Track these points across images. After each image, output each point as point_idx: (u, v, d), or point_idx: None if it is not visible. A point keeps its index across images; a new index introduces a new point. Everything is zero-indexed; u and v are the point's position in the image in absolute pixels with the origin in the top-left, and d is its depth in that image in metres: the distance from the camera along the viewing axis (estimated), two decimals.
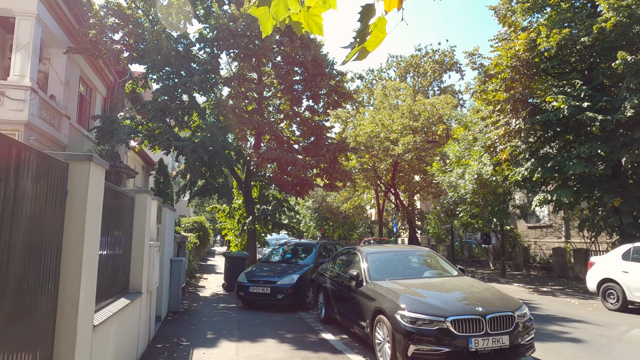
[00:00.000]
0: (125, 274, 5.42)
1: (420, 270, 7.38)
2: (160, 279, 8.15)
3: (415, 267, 7.48)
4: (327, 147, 16.67)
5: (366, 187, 28.69)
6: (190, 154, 12.54)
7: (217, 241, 60.77)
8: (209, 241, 26.33)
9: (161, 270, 8.19)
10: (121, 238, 5.12)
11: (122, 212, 5.11)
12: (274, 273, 10.61)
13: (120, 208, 5.00)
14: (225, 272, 13.75)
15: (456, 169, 16.86)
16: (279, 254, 12.41)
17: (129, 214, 5.55)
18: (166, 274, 8.71)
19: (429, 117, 22.18)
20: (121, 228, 5.11)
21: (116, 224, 4.86)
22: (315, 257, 11.36)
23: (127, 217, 5.41)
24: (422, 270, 7.37)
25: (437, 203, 29.64)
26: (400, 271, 7.20)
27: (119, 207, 4.94)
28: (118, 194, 4.92)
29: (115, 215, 4.81)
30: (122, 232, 5.14)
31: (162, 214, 8.01)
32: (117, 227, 4.93)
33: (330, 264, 9.13)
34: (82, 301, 3.21)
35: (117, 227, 4.93)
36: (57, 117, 14.03)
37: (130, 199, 5.57)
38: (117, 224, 4.93)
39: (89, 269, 3.35)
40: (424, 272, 7.32)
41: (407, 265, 7.48)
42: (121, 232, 5.13)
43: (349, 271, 7.65)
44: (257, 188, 16.73)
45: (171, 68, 13.80)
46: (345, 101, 17.77)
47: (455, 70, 44.16)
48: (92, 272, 3.50)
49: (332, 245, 12.97)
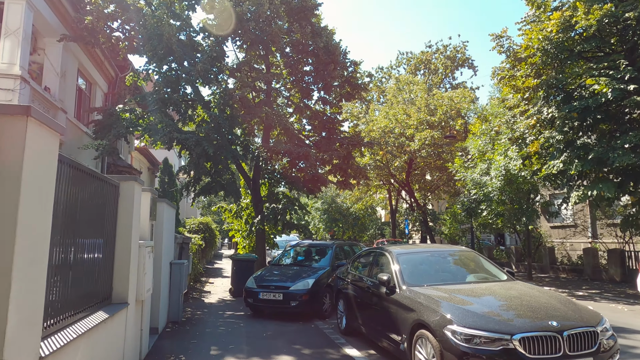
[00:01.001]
0: (106, 281, 4.35)
1: (463, 274, 6.22)
2: (157, 285, 7.08)
3: (456, 270, 6.32)
4: (340, 141, 15.56)
5: (379, 186, 27.51)
6: (193, 148, 11.50)
7: (224, 244, 59.75)
8: (215, 243, 25.31)
9: (158, 274, 7.12)
10: (99, 237, 4.05)
11: (100, 204, 4.05)
12: (286, 277, 9.50)
13: (97, 198, 3.93)
14: (232, 276, 12.67)
15: (480, 164, 15.64)
16: (290, 256, 11.31)
17: (112, 207, 4.48)
18: (165, 278, 7.64)
19: (446, 111, 20.97)
20: (99, 224, 4.05)
21: (90, 218, 3.79)
22: (331, 259, 10.24)
23: (108, 211, 4.34)
24: (465, 274, 6.22)
25: (453, 202, 28.38)
26: (439, 275, 6.06)
27: (95, 196, 3.87)
28: (92, 178, 3.85)
29: (89, 207, 3.75)
30: (100, 229, 4.08)
31: (158, 210, 6.95)
32: (93, 222, 3.86)
33: (351, 266, 8.00)
34: (13, 326, 2.13)
35: (93, 222, 3.86)
36: (52, 110, 13.08)
37: (113, 188, 4.50)
38: (93, 219, 3.86)
39: (25, 279, 2.27)
40: (467, 276, 6.16)
41: (445, 267, 6.32)
42: (99, 229, 4.06)
43: (376, 275, 6.52)
44: (266, 186, 15.64)
45: (173, 56, 12.79)
46: (360, 92, 16.66)
47: (467, 66, 42.86)
48: (35, 284, 2.42)
49: (349, 246, 11.85)
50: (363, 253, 7.87)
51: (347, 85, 16.03)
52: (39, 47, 13.90)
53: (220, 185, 13.10)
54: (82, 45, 14.61)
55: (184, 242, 11.58)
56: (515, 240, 39.44)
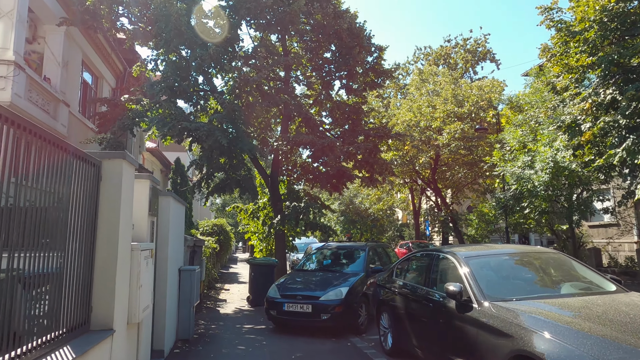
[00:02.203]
0: (80, 301, 3.02)
1: (556, 283, 4.75)
2: (162, 297, 5.76)
3: (546, 277, 4.85)
4: (366, 133, 14.14)
5: (401, 184, 25.95)
6: (205, 139, 10.22)
7: (239, 247, 58.61)
8: (230, 246, 24.06)
9: (163, 284, 5.80)
10: (66, 237, 2.74)
11: (67, 189, 2.73)
12: (314, 285, 8.12)
13: (62, 180, 2.62)
14: (250, 283, 11.35)
15: (521, 157, 14.05)
16: (316, 261, 9.91)
17: (88, 195, 3.17)
18: (172, 289, 6.33)
19: (476, 102, 19.39)
20: (63, 218, 2.73)
21: (52, 209, 2.47)
22: (365, 263, 8.82)
23: (82, 199, 3.03)
24: (559, 283, 4.74)
25: (481, 201, 26.65)
26: (527, 285, 4.61)
27: (59, 177, 2.55)
28: (54, 149, 2.53)
29: (48, 192, 2.43)
30: (65, 226, 2.76)
31: (162, 205, 5.64)
32: (55, 215, 2.55)
33: (396, 272, 6.59)
34: None
35: (55, 215, 2.55)
36: (53, 102, 11.96)
37: (91, 168, 3.19)
38: (55, 211, 2.54)
39: None
40: (562, 285, 4.68)
41: (531, 274, 4.86)
42: (63, 226, 2.75)
43: (435, 284, 5.13)
44: (285, 183, 14.32)
45: (182, 40, 11.55)
46: (385, 80, 15.24)
47: (489, 59, 41.04)
48: None
49: (382, 248, 10.42)
50: (412, 256, 6.44)
51: (371, 72, 14.65)
52: (39, 35, 12.82)
53: (235, 181, 11.80)
54: (86, 34, 13.51)
55: (196, 244, 10.31)
56: (540, 241, 37.47)
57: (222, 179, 12.56)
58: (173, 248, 6.25)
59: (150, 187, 4.45)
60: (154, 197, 4.70)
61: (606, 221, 21.69)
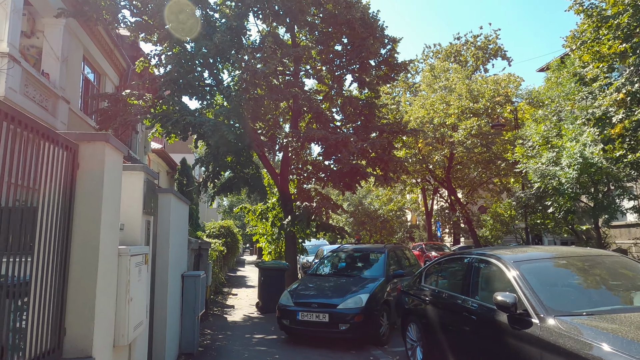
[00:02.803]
0: (51, 322, 2.34)
1: (626, 293, 3.99)
2: (162, 307, 5.09)
3: (614, 286, 4.09)
4: (380, 129, 13.41)
5: (413, 184, 25.15)
6: (211, 134, 9.55)
7: (246, 249, 57.96)
8: (238, 249, 23.41)
9: (163, 292, 5.12)
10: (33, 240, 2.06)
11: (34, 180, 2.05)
12: (331, 292, 7.39)
13: (25, 168, 1.94)
14: (259, 288, 10.66)
15: (545, 153, 13.22)
16: (331, 264, 9.17)
17: (63, 188, 2.49)
18: (174, 297, 5.65)
19: (492, 97, 18.56)
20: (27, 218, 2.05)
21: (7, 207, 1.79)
22: (384, 267, 8.07)
23: (54, 194, 2.35)
24: (629, 292, 3.99)
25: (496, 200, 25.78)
26: (595, 295, 3.86)
27: (17, 164, 1.87)
28: (10, 122, 1.85)
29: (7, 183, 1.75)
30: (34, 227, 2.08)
31: (162, 203, 4.97)
32: (15, 214, 1.87)
33: (424, 278, 5.85)
34: None
35: (15, 214, 1.87)
36: (52, 99, 11.40)
37: (66, 153, 2.51)
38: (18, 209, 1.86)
39: None
40: (635, 295, 3.93)
41: (597, 283, 4.10)
42: (24, 226, 2.06)
43: (481, 293, 4.40)
44: (295, 182, 13.62)
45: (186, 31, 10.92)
46: (398, 74, 14.50)
47: (500, 56, 40.11)
48: None
49: (401, 250, 9.68)
50: (445, 260, 5.70)
51: (384, 66, 13.92)
52: (38, 29, 12.27)
53: (243, 180, 11.13)
54: (87, 29, 12.97)
55: (202, 247, 9.64)
56: (554, 242, 36.36)
57: (229, 177, 11.90)
58: (175, 252, 5.57)
59: (144, 180, 3.77)
60: (150, 193, 4.03)
61: (630, 221, 20.71)
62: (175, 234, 5.54)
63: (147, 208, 3.90)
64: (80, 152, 2.67)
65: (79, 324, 2.55)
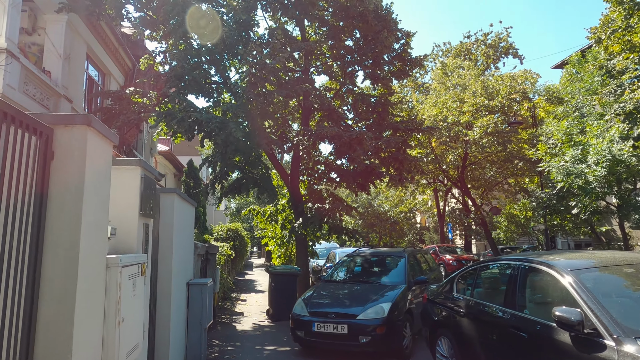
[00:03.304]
0: (16, 352, 1.79)
1: None
2: (165, 319, 4.54)
3: None
4: (394, 126, 12.81)
5: (425, 185, 24.47)
6: (218, 132, 9.03)
7: (253, 252, 57.47)
8: (246, 252, 22.88)
9: (166, 304, 4.58)
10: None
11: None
12: (349, 300, 6.81)
13: None
14: (270, 294, 10.10)
15: (570, 150, 12.52)
16: (346, 269, 8.57)
17: (33, 181, 1.95)
18: (179, 308, 5.11)
19: (509, 93, 17.87)
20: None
21: None
22: (405, 272, 7.47)
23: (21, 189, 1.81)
24: None
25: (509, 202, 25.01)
26: None
27: None
28: None
29: None
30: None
31: (165, 204, 4.43)
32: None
33: (456, 286, 5.25)
34: None
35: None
36: (53, 97, 10.97)
37: (37, 140, 1.97)
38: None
39: None
40: None
41: None
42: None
43: (530, 305, 3.80)
44: (305, 183, 13.06)
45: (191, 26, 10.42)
46: (412, 69, 13.90)
47: (512, 54, 39.31)
48: None
49: (421, 254, 9.06)
50: (482, 266, 5.09)
51: (397, 61, 13.32)
52: (39, 26, 11.86)
53: (252, 180, 10.58)
54: (90, 25, 12.56)
55: (209, 251, 9.11)
56: (567, 244, 35.46)
57: (237, 178, 11.37)
58: (179, 258, 5.03)
59: (141, 177, 3.22)
60: (150, 193, 3.49)
61: None
62: (179, 239, 5.00)
63: (146, 209, 3.36)
64: (55, 138, 2.13)
65: (52, 354, 2.01)
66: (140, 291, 3.06)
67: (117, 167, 2.99)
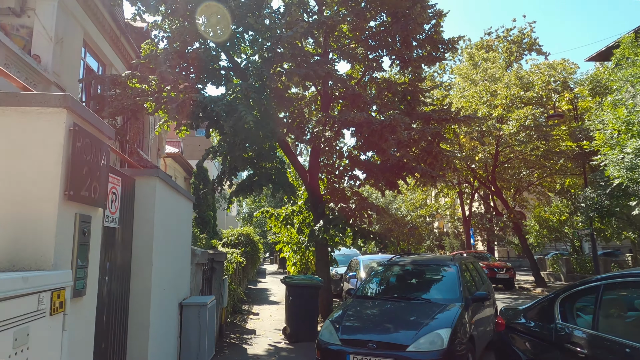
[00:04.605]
0: None
1: None
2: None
3: None
4: (425, 117, 11.25)
5: (450, 186, 22.73)
6: (226, 118, 7.58)
7: (266, 258, 55.89)
8: (259, 259, 21.40)
9: (141, 339, 3.08)
10: None
11: None
12: (393, 324, 5.20)
13: None
14: (287, 310, 8.55)
15: (634, 140, 10.79)
16: (380, 282, 6.96)
17: None
18: (165, 339, 3.62)
19: (548, 83, 16.13)
20: None
21: None
22: (460, 286, 5.87)
23: None
24: None
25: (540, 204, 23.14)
26: None
27: None
28: None
29: None
30: None
31: (145, 193, 2.95)
32: None
33: (559, 311, 3.65)
34: None
35: None
36: (42, 84, 9.69)
37: None
38: None
39: None
40: None
41: None
42: None
43: None
44: (324, 182, 11.54)
45: None
46: (444, 53, 12.32)
47: (535, 51, 37.42)
48: None
49: (471, 263, 7.43)
50: (608, 284, 3.47)
51: (428, 44, 11.77)
52: (29, 7, 10.62)
53: (266, 176, 9.10)
54: (88, 10, 11.37)
55: (215, 259, 7.64)
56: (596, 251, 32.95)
57: (249, 175, 9.91)
58: (164, 269, 3.54)
59: (69, 128, 1.75)
60: (90, 159, 2.01)
61: None
62: (164, 242, 3.51)
63: (79, 188, 1.90)
64: None
65: None
66: (43, 349, 1.57)
67: (22, 110, 1.51)
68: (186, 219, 4.77)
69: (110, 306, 2.94)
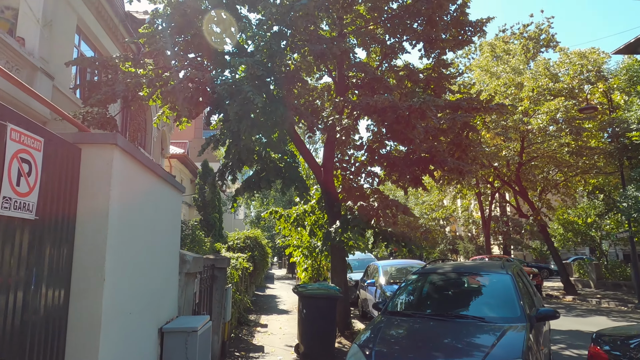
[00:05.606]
0: None
1: None
2: None
3: None
4: (453, 105, 10.06)
5: (469, 187, 21.41)
6: (230, 100, 6.48)
7: (274, 263, 54.66)
8: (267, 263, 20.24)
9: None
10: None
11: None
12: (440, 351, 3.99)
13: None
14: (300, 324, 7.37)
15: None
16: (415, 295, 5.73)
17: None
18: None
19: (580, 73, 14.84)
20: None
21: None
22: (519, 301, 4.67)
23: None
24: None
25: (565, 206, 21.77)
26: None
27: None
28: None
29: None
30: None
31: (86, 164, 1.80)
32: None
33: None
34: None
35: None
36: (26, 69, 8.74)
37: None
38: None
39: None
40: None
41: None
42: None
43: None
44: (339, 178, 10.38)
45: None
46: (472, 35, 11.14)
47: (552, 48, 35.98)
48: None
49: (520, 270, 6.20)
50: None
51: (453, 28, 10.63)
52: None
53: (275, 171, 7.98)
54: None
55: (216, 266, 6.51)
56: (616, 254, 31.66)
57: (256, 170, 8.79)
58: (131, 283, 2.39)
59: None
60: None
61: None
62: (132, 245, 2.37)
63: None
64: None
65: None
66: None
67: None
68: (170, 214, 3.65)
69: (26, 348, 1.80)
